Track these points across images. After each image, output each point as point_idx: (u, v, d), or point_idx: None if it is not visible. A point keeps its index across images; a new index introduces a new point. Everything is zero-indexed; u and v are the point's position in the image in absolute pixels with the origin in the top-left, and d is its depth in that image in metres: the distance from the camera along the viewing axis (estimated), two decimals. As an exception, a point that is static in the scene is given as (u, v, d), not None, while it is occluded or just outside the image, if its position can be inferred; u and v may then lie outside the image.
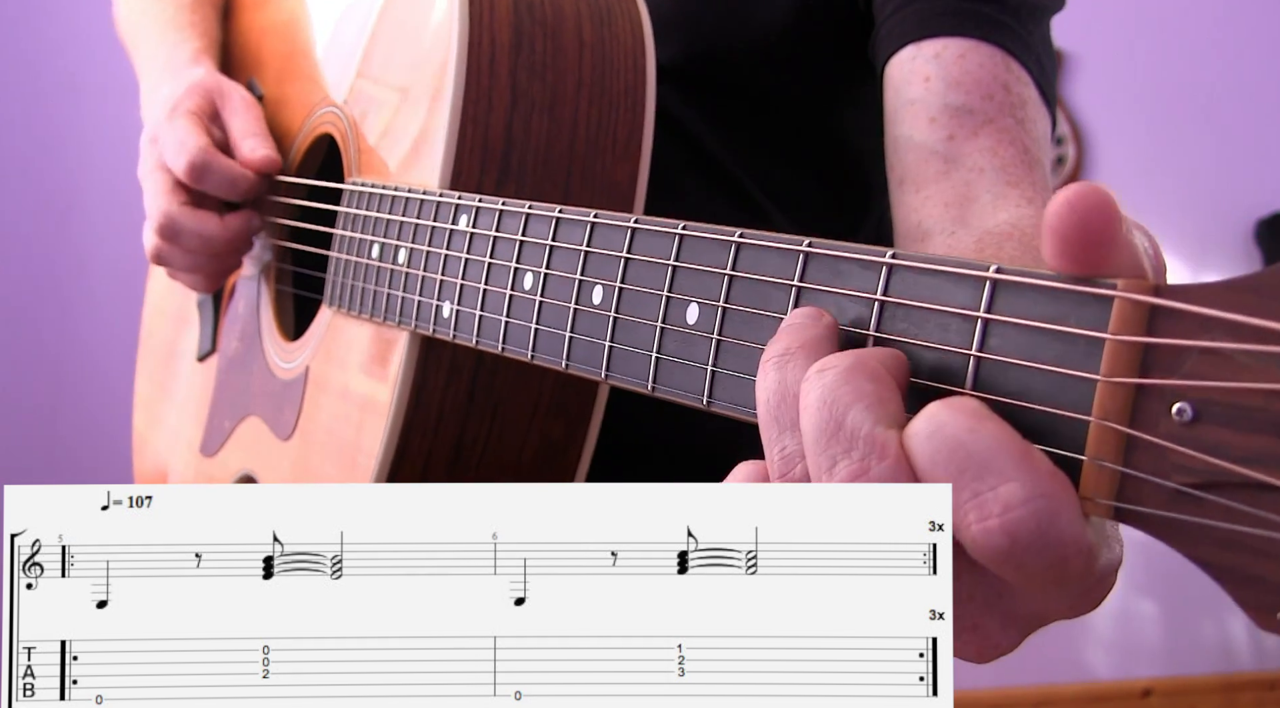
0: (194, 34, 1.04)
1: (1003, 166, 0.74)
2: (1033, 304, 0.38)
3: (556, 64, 0.76)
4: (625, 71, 0.78)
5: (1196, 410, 0.33)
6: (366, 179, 0.82)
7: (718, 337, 0.48)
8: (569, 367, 0.58)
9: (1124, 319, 0.35)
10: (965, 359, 0.39)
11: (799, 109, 0.93)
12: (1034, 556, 0.35)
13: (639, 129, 0.77)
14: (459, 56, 0.74)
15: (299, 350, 0.90)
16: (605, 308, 0.55)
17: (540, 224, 0.61)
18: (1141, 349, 0.35)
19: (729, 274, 0.48)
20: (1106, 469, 0.35)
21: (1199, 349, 0.33)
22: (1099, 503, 0.35)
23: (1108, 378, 0.35)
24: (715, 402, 0.49)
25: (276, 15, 1.08)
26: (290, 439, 0.88)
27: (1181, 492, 0.33)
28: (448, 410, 0.75)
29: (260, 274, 1.01)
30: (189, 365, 1.12)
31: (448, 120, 0.74)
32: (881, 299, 0.42)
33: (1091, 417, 0.35)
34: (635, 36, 0.79)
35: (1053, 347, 0.37)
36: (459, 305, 0.68)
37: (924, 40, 0.78)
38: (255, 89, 1.06)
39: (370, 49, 0.88)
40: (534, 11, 0.77)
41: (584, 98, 0.76)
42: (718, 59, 0.91)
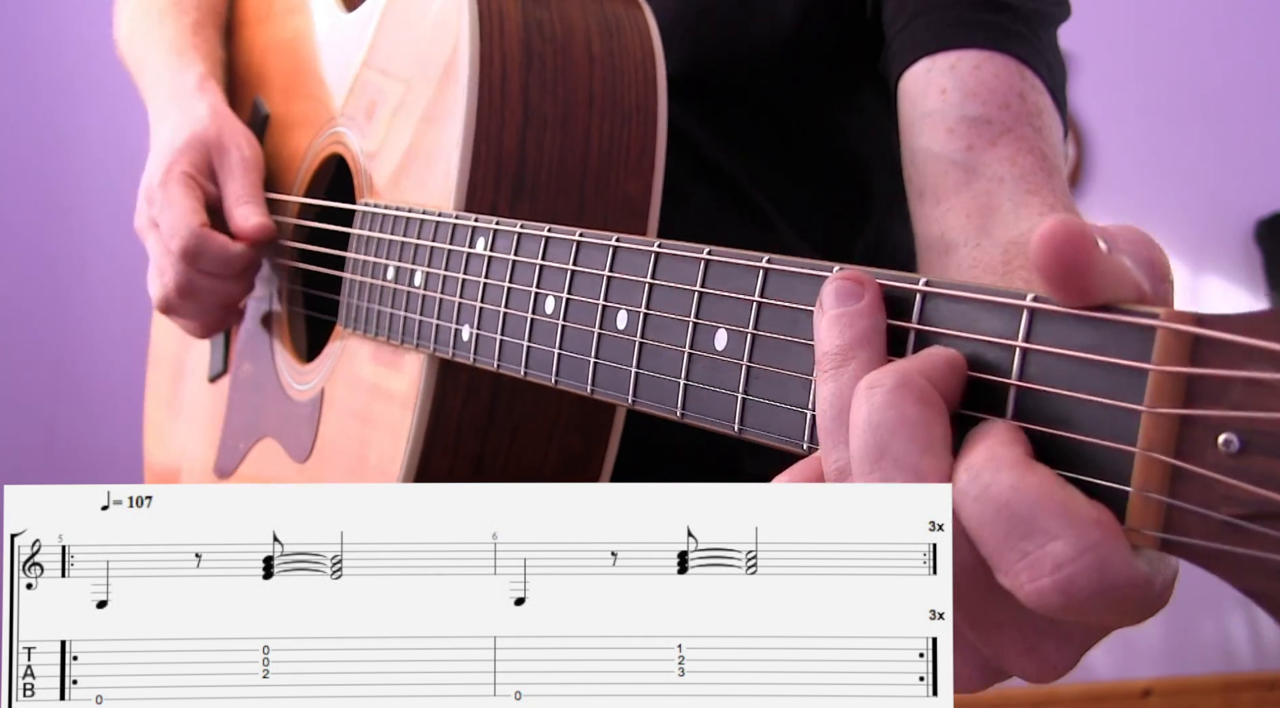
0: (197, 58, 1.04)
1: (1022, 175, 0.74)
2: (1072, 333, 0.37)
3: (567, 79, 0.76)
4: (636, 84, 0.78)
5: (1243, 441, 0.33)
6: (379, 200, 0.82)
7: (748, 363, 0.48)
8: (595, 392, 0.57)
9: (1167, 349, 0.35)
10: (1006, 388, 0.39)
11: (800, 116, 0.93)
12: (1090, 606, 0.35)
13: (651, 142, 0.77)
14: (470, 74, 0.74)
15: (313, 373, 0.90)
16: (630, 333, 0.55)
17: (560, 248, 0.61)
18: (1185, 380, 0.34)
19: (758, 300, 0.48)
20: (1154, 501, 0.35)
21: (1244, 379, 0.33)
22: (1146, 534, 0.35)
23: (1152, 409, 0.35)
24: (747, 429, 0.48)
25: (280, 32, 1.07)
26: (308, 461, 0.88)
27: (1230, 523, 0.33)
28: (467, 429, 0.75)
29: (272, 295, 1.00)
30: (200, 386, 1.11)
31: (461, 138, 0.74)
32: (917, 328, 0.42)
33: (1137, 448, 0.35)
34: (645, 49, 0.79)
35: (1094, 377, 0.37)
36: (479, 329, 0.67)
37: (939, 53, 0.78)
38: (261, 108, 1.06)
39: (378, 66, 0.88)
40: (544, 28, 0.77)
41: (596, 112, 0.77)
42: (720, 68, 0.91)
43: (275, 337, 0.98)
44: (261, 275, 1.01)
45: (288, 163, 1.00)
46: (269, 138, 1.04)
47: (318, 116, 0.96)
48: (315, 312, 0.96)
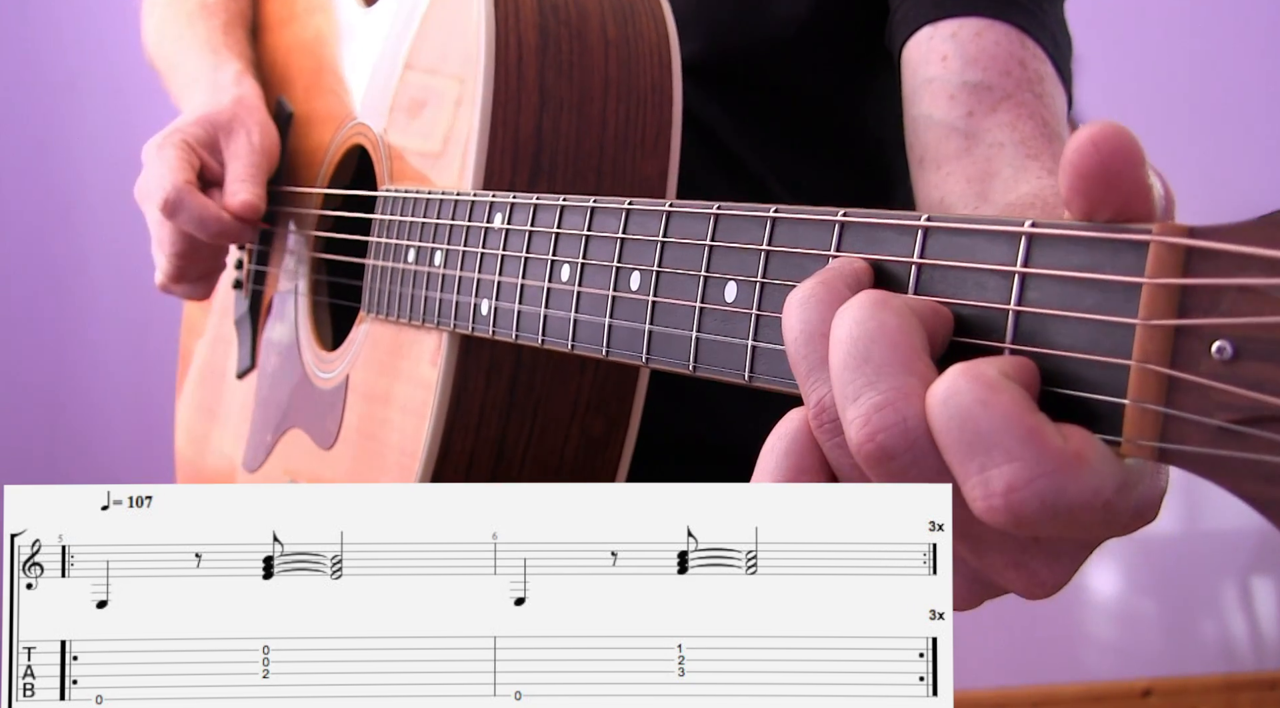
0: (232, 55, 1.05)
1: (1022, 140, 0.74)
2: (1068, 255, 0.38)
3: (583, 63, 0.77)
4: (651, 68, 0.79)
5: (1236, 347, 0.34)
6: (400, 186, 0.83)
7: (757, 312, 0.49)
8: (609, 353, 0.58)
9: (1160, 262, 0.35)
10: (1004, 314, 0.39)
11: (819, 101, 0.94)
12: (1044, 526, 0.36)
13: (667, 124, 0.78)
14: (487, 60, 0.75)
15: (338, 360, 0.91)
16: (644, 292, 0.56)
17: (575, 215, 0.62)
18: (1179, 291, 0.35)
19: (765, 249, 0.49)
20: (1150, 411, 0.35)
21: (1235, 287, 0.34)
22: (1143, 445, 0.36)
23: (1146, 321, 0.35)
24: (757, 376, 0.49)
25: (302, 33, 1.09)
26: (333, 448, 0.89)
27: (1225, 429, 0.34)
28: (489, 410, 0.76)
29: (296, 287, 1.01)
30: (229, 384, 1.12)
31: (478, 124, 0.75)
32: (919, 262, 0.42)
33: (1132, 361, 0.36)
34: (659, 32, 0.80)
35: (1090, 295, 0.37)
36: (497, 302, 0.68)
37: (940, 20, 0.79)
38: (285, 107, 1.07)
39: (397, 56, 0.89)
40: (559, 12, 0.78)
41: (611, 95, 0.77)
42: (737, 54, 0.92)
43: (300, 327, 1.00)
44: (286, 268, 1.01)
45: (311, 157, 1.01)
46: (292, 135, 1.06)
47: (340, 111, 0.98)
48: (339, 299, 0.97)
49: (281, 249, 1.05)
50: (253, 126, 0.97)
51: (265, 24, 1.15)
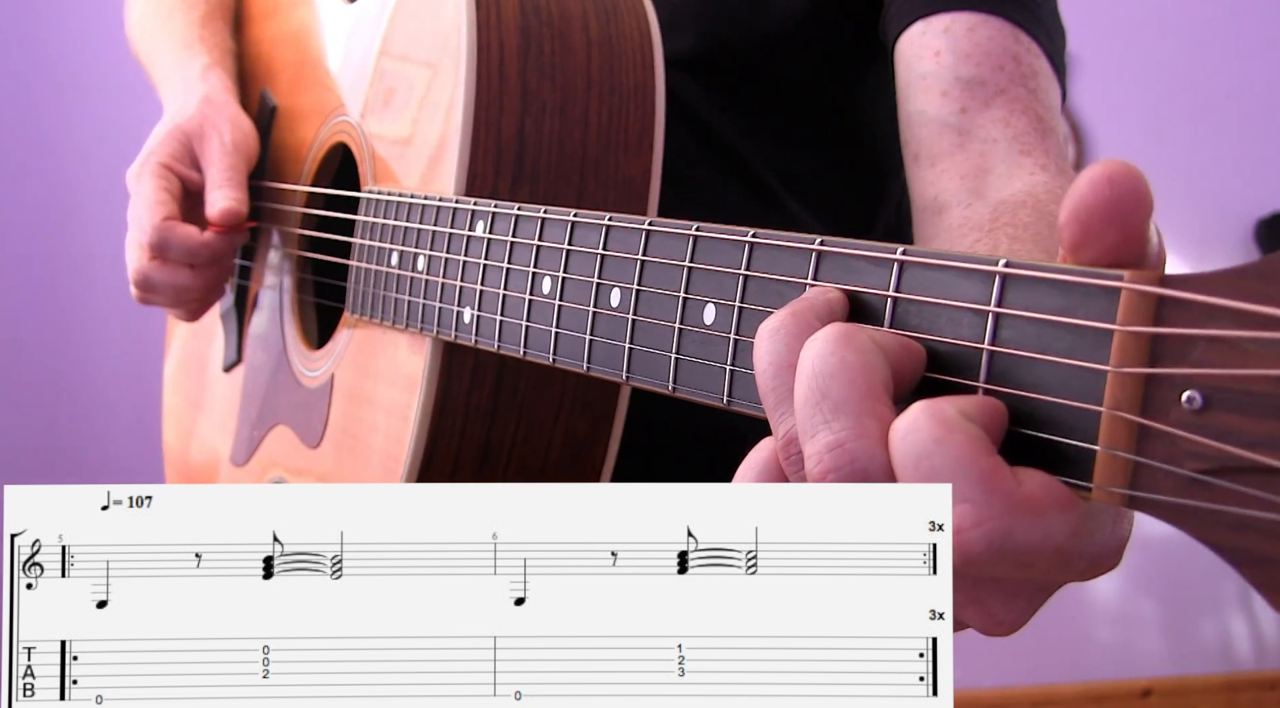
0: (203, 49, 1.05)
1: (1016, 136, 0.74)
2: (1043, 296, 0.38)
3: (565, 64, 0.77)
4: (634, 68, 0.78)
5: (1206, 398, 0.34)
6: (383, 187, 0.83)
7: (735, 336, 0.49)
8: (590, 369, 0.58)
9: (1131, 310, 0.35)
10: (979, 353, 0.40)
11: (815, 95, 0.94)
12: (993, 568, 0.36)
13: (650, 125, 0.78)
14: (469, 62, 0.75)
15: (323, 359, 0.91)
16: (624, 310, 0.56)
17: (556, 228, 0.62)
18: (1150, 339, 0.35)
19: (744, 274, 0.49)
20: (1120, 458, 0.36)
21: (1206, 338, 0.34)
22: (1113, 492, 0.36)
23: (1117, 368, 0.36)
24: (735, 401, 0.49)
25: (286, 25, 1.08)
26: (319, 447, 0.89)
27: (1194, 478, 0.34)
28: (473, 412, 0.76)
29: (281, 283, 1.01)
30: (215, 377, 1.12)
31: (460, 126, 0.74)
32: (894, 295, 0.43)
33: (1103, 407, 0.36)
34: (642, 32, 0.79)
35: (1064, 338, 0.37)
36: (479, 311, 0.68)
37: (933, 15, 0.78)
38: (269, 101, 1.07)
39: (380, 54, 0.88)
40: (540, 13, 0.78)
41: (594, 96, 0.77)
42: (733, 48, 0.92)
43: (286, 324, 1.00)
44: (271, 264, 1.01)
45: (295, 152, 1.01)
46: (277, 129, 1.05)
47: (324, 106, 0.97)
48: (324, 299, 0.97)
49: (266, 245, 1.05)
50: (222, 125, 0.96)
51: (249, 16, 1.15)
